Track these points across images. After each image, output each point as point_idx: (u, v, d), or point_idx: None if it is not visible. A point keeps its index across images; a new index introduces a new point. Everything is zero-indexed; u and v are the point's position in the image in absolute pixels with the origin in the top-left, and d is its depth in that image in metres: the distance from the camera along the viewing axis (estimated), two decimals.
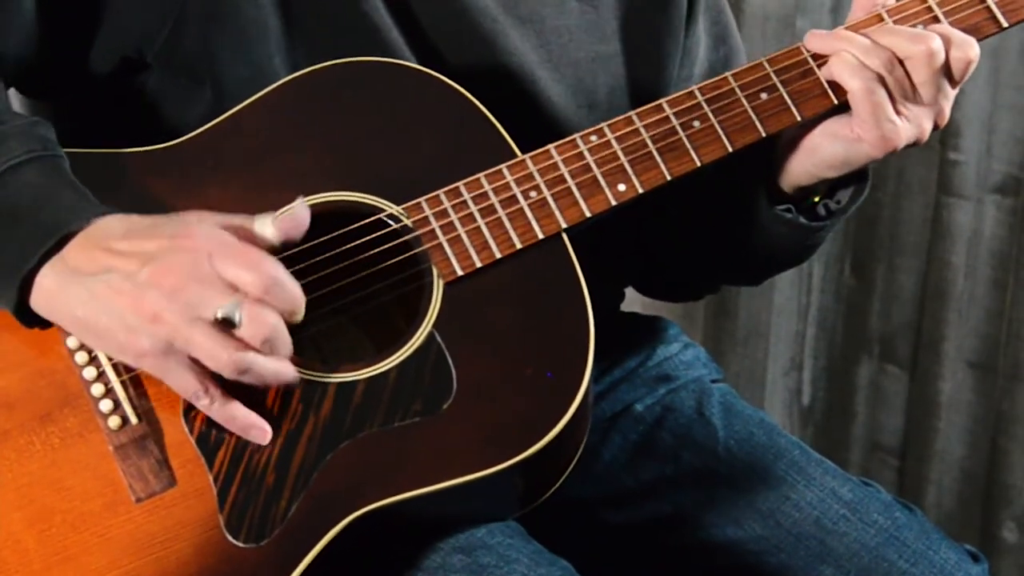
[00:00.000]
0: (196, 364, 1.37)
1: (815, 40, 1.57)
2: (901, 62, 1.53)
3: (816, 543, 1.69)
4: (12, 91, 1.64)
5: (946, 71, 1.54)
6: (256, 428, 1.42)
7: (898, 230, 2.85)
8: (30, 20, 1.53)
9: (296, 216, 1.43)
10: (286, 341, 1.38)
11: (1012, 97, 2.68)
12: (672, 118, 1.56)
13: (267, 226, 1.41)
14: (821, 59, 1.57)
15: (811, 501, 1.70)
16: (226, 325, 1.36)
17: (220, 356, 1.35)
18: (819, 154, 1.59)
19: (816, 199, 1.66)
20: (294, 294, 1.38)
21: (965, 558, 1.70)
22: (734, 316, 2.98)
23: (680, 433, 1.79)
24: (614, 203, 1.53)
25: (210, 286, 1.36)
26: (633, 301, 1.98)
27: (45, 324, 1.42)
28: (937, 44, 1.52)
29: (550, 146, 1.54)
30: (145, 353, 1.37)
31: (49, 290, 1.38)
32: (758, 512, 1.71)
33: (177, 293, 1.35)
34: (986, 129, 2.71)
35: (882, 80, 1.52)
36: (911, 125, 1.55)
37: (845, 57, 1.53)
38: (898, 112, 1.54)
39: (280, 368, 1.39)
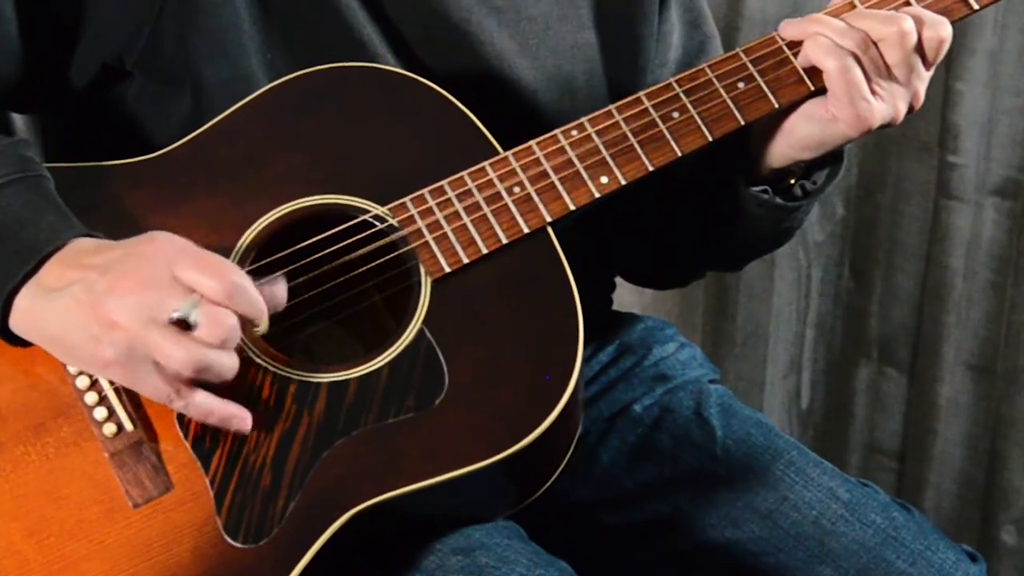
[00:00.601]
0: (161, 368, 1.37)
1: (789, 28, 1.59)
2: (875, 43, 1.54)
3: (815, 543, 1.69)
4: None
5: (919, 51, 1.56)
6: (236, 417, 1.42)
7: (897, 233, 2.85)
8: (13, 36, 1.54)
9: (275, 293, 1.43)
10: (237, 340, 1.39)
11: (1011, 100, 2.68)
12: (651, 110, 1.57)
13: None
14: (796, 47, 1.59)
15: (809, 501, 1.70)
16: (182, 326, 1.36)
17: (177, 355, 1.35)
18: (795, 136, 1.60)
19: (792, 181, 1.67)
20: (257, 301, 1.39)
21: (963, 558, 1.70)
22: (733, 318, 2.98)
23: (678, 434, 1.79)
24: (597, 195, 1.54)
25: (165, 288, 1.36)
26: (631, 303, 1.99)
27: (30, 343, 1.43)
28: (909, 25, 1.54)
29: (531, 142, 1.55)
30: (110, 362, 1.37)
31: (25, 311, 1.39)
32: (756, 513, 1.71)
33: (132, 297, 1.35)
34: (985, 132, 2.71)
35: (857, 60, 1.54)
36: (886, 105, 1.56)
37: (820, 40, 1.55)
38: (873, 92, 1.55)
39: (237, 363, 1.40)
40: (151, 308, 1.35)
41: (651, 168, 1.56)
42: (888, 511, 1.71)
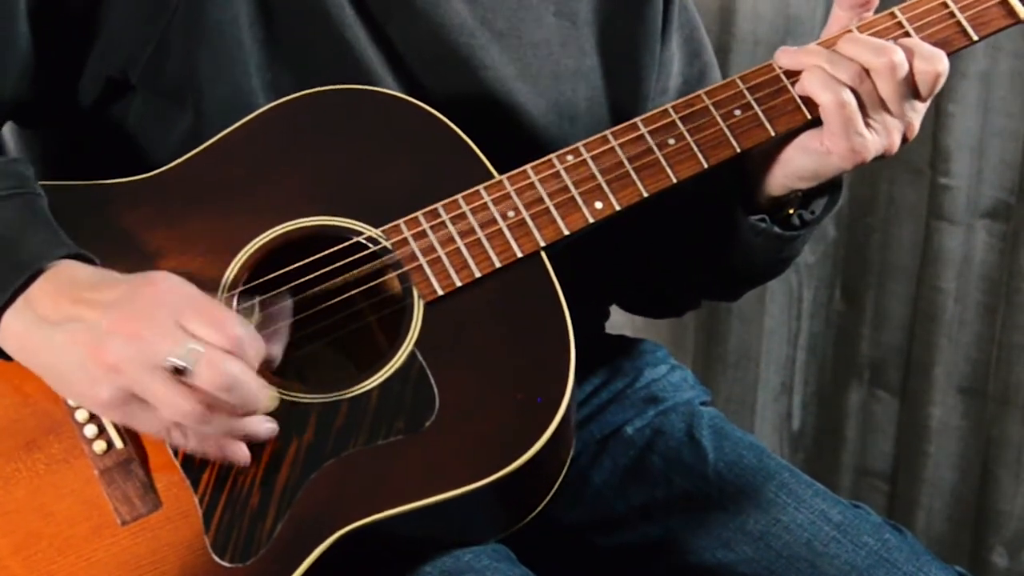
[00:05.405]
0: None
1: (785, 57, 1.58)
2: (869, 75, 1.53)
3: (807, 565, 1.69)
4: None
5: (912, 84, 1.55)
6: (231, 448, 1.41)
7: (888, 255, 2.85)
8: (27, 52, 1.54)
9: (271, 351, 1.43)
10: (251, 391, 1.37)
11: (1002, 122, 2.68)
12: (647, 136, 1.56)
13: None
14: (794, 76, 1.58)
15: (801, 523, 1.70)
16: (181, 373, 1.35)
17: (181, 405, 1.34)
18: (791, 166, 1.60)
19: (791, 211, 1.67)
20: (255, 358, 1.38)
21: None
22: (724, 341, 2.98)
23: (670, 456, 1.79)
24: (591, 220, 1.54)
25: (168, 335, 1.35)
26: (622, 325, 1.98)
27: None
28: (899, 57, 1.53)
29: (527, 166, 1.55)
30: (106, 403, 1.36)
31: (17, 333, 1.39)
32: (749, 535, 1.71)
33: (134, 341, 1.34)
34: (976, 154, 2.71)
35: (853, 93, 1.53)
36: (879, 138, 1.56)
37: (816, 72, 1.54)
38: (867, 124, 1.55)
39: (256, 425, 1.40)
40: (153, 353, 1.34)
41: (646, 194, 1.55)
42: (880, 533, 1.70)
